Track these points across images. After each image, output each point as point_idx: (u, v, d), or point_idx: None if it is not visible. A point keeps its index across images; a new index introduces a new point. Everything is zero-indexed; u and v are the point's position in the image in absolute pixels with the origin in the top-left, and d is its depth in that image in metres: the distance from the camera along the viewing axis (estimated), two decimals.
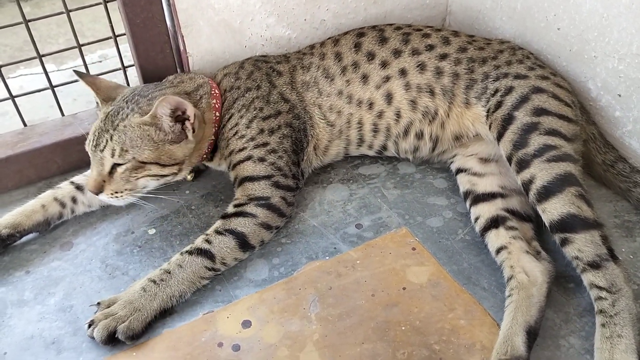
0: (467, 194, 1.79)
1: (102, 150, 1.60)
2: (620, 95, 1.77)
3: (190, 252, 1.58)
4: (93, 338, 1.44)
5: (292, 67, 1.92)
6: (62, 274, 1.64)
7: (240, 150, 1.76)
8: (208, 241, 1.60)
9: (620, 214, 1.78)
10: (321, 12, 2.08)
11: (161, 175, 1.68)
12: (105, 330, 1.43)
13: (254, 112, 1.78)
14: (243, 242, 1.64)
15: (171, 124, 1.62)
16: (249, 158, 1.74)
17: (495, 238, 1.64)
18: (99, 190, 1.61)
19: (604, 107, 1.84)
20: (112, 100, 1.71)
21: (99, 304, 1.51)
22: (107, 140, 1.60)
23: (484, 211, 1.71)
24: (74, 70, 1.75)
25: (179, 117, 1.62)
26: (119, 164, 1.61)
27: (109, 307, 1.49)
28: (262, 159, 1.74)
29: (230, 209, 1.69)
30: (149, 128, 1.61)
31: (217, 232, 1.62)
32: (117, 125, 1.61)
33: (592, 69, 1.83)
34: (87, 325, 1.47)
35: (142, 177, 1.64)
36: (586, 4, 1.77)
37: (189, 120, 1.63)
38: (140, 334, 1.47)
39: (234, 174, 1.77)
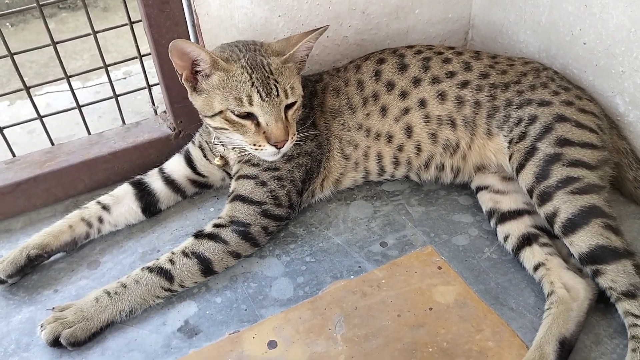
0: (491, 213, 1.77)
1: (277, 95, 1.58)
2: None
3: (150, 270, 1.59)
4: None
5: (324, 86, 1.90)
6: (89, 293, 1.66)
7: (254, 165, 1.74)
8: (172, 261, 1.60)
9: None
10: (343, 29, 2.08)
11: (298, 113, 1.72)
12: (51, 334, 1.48)
13: None
14: (207, 268, 1.63)
15: (300, 56, 1.69)
16: (254, 177, 1.73)
17: (531, 256, 1.63)
18: (287, 135, 1.61)
19: (632, 122, 1.81)
20: (225, 58, 1.60)
21: (53, 308, 1.55)
22: (274, 85, 1.57)
23: (513, 229, 1.69)
24: (178, 40, 1.52)
25: None
26: (291, 105, 1.63)
27: (62, 311, 1.52)
28: (263, 183, 1.72)
29: (208, 227, 1.68)
30: (290, 64, 1.65)
31: (184, 253, 1.62)
32: (271, 69, 1.59)
33: (620, 84, 1.80)
34: (39, 327, 1.51)
35: (298, 112, 1.69)
36: (613, 19, 1.75)
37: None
38: (82, 342, 1.50)
39: (234, 184, 1.76)
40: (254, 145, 1.62)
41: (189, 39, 1.87)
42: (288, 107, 1.62)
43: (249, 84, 1.56)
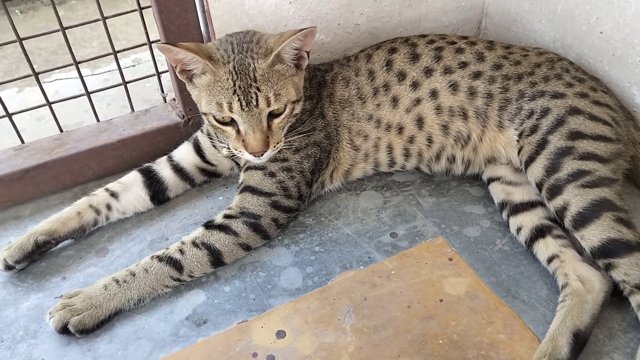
0: (503, 205, 1.75)
1: (257, 105, 1.53)
2: None
3: (160, 259, 1.58)
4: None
5: (334, 76, 1.87)
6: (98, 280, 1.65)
7: None
8: (181, 251, 1.59)
9: None
10: (355, 16, 2.05)
11: (294, 115, 1.66)
12: (60, 321, 1.48)
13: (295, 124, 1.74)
14: (217, 260, 1.62)
15: (290, 56, 1.59)
16: (262, 168, 1.71)
17: (545, 248, 1.61)
18: (266, 147, 1.57)
19: None
20: (216, 59, 1.56)
21: (62, 296, 1.55)
22: (255, 94, 1.53)
23: (526, 221, 1.67)
24: (162, 44, 1.53)
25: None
26: (276, 114, 1.58)
27: (70, 298, 1.52)
28: (272, 174, 1.70)
29: (219, 218, 1.67)
30: (281, 67, 1.57)
31: (194, 243, 1.60)
32: (255, 76, 1.54)
33: (637, 75, 1.76)
34: (48, 314, 1.50)
35: (289, 117, 1.63)
36: (631, 7, 1.71)
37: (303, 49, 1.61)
38: (91, 330, 1.50)
39: (243, 175, 1.74)
40: (235, 149, 1.61)
41: (199, 26, 1.85)
42: (275, 115, 1.59)
43: (231, 90, 1.53)
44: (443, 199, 1.87)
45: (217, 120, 1.58)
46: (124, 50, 2.00)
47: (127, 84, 2.03)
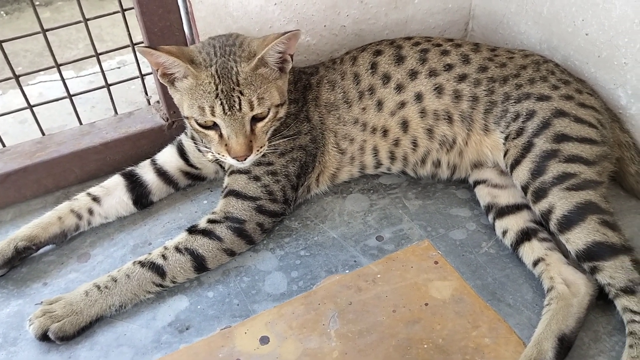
0: (489, 208, 1.74)
1: (240, 109, 1.52)
2: None
3: (142, 264, 1.56)
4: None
5: (319, 79, 1.85)
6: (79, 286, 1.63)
7: None
8: (164, 257, 1.57)
9: None
10: (341, 18, 2.04)
11: (278, 119, 1.64)
12: (39, 328, 1.45)
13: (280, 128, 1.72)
14: (200, 265, 1.60)
15: (274, 59, 1.57)
16: (247, 172, 1.69)
17: (530, 251, 1.60)
18: (249, 151, 1.56)
19: (635, 115, 1.77)
20: (198, 63, 1.54)
21: (42, 302, 1.52)
22: (238, 98, 1.51)
23: (512, 224, 1.66)
24: (143, 47, 1.51)
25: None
26: (259, 117, 1.56)
27: (51, 305, 1.50)
28: (257, 178, 1.68)
29: (202, 223, 1.64)
30: (264, 70, 1.55)
31: (177, 249, 1.58)
32: (238, 80, 1.52)
33: (622, 76, 1.76)
34: (28, 321, 1.48)
35: (273, 121, 1.61)
36: (616, 9, 1.70)
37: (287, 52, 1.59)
38: (71, 337, 1.48)
39: (227, 179, 1.72)
40: (218, 154, 1.59)
41: (182, 27, 1.83)
42: (258, 119, 1.57)
43: (213, 94, 1.51)
44: (429, 202, 1.86)
45: (199, 124, 1.56)
46: (107, 52, 1.98)
47: (112, 86, 2.01)
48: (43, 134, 1.97)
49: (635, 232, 1.69)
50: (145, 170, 1.84)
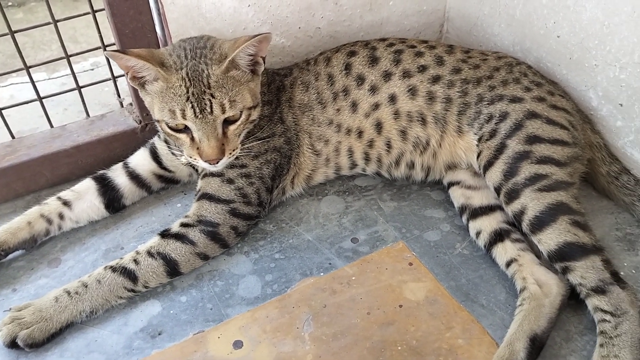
0: (463, 209, 1.75)
1: (211, 112, 1.50)
2: (621, 105, 1.73)
3: (113, 269, 1.53)
4: None
5: (293, 80, 1.84)
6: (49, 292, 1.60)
7: None
8: (136, 261, 1.55)
9: (622, 227, 1.73)
10: (316, 20, 2.03)
11: (251, 121, 1.63)
12: (8, 335, 1.42)
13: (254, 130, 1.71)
14: (173, 270, 1.58)
15: (246, 61, 1.55)
16: (220, 175, 1.67)
17: (503, 252, 1.61)
18: (222, 154, 1.54)
19: (605, 116, 1.80)
20: (168, 66, 1.52)
21: (10, 309, 1.49)
22: (209, 101, 1.49)
23: (485, 225, 1.67)
24: (111, 51, 1.49)
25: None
26: (231, 120, 1.55)
27: (20, 311, 1.47)
28: (230, 181, 1.66)
29: (175, 227, 1.62)
30: (236, 73, 1.54)
31: (149, 253, 1.56)
32: (209, 82, 1.50)
33: (593, 78, 1.78)
34: None
35: (245, 124, 1.60)
36: (586, 12, 1.72)
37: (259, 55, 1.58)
38: (41, 344, 1.45)
39: (200, 183, 1.70)
40: (190, 157, 1.58)
41: (154, 29, 1.81)
42: (230, 121, 1.56)
43: (184, 97, 1.49)
44: (404, 203, 1.86)
45: (170, 128, 1.54)
46: (78, 54, 1.95)
47: (84, 88, 1.98)
48: (13, 137, 1.94)
49: (607, 231, 1.72)
50: (117, 174, 1.82)
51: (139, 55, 1.47)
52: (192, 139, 1.54)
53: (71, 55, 1.89)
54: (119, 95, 2.06)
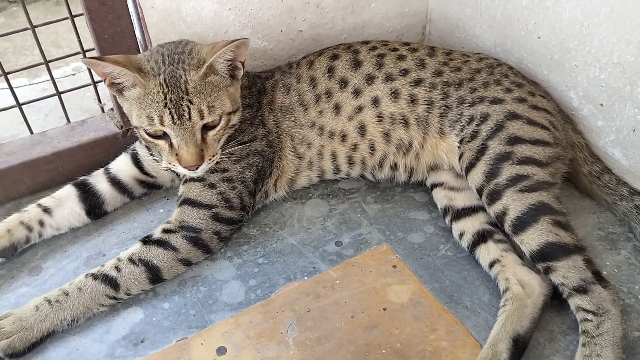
0: (446, 210, 1.75)
1: (189, 119, 1.49)
2: (602, 105, 1.74)
3: (95, 277, 1.52)
4: None
5: (274, 83, 1.84)
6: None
7: None
8: (117, 268, 1.53)
9: (605, 226, 1.74)
10: (297, 23, 2.03)
11: (231, 126, 1.62)
12: None
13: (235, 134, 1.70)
14: (155, 276, 1.57)
15: (224, 66, 1.54)
16: (202, 180, 1.66)
17: (486, 253, 1.61)
18: (201, 160, 1.53)
19: (586, 116, 1.81)
20: (146, 72, 1.51)
21: None
22: (187, 107, 1.48)
23: (468, 226, 1.67)
24: (87, 58, 1.49)
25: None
26: (210, 126, 1.53)
27: (0, 321, 1.45)
28: (212, 186, 1.65)
29: (157, 233, 1.61)
30: (214, 78, 1.53)
31: (131, 260, 1.55)
32: (187, 88, 1.49)
33: (574, 78, 1.79)
34: None
35: (225, 129, 1.59)
36: (566, 13, 1.73)
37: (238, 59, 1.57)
38: (21, 353, 1.43)
39: (182, 188, 1.69)
40: (169, 163, 1.57)
41: (134, 34, 1.80)
42: (209, 127, 1.55)
43: (162, 104, 1.48)
44: (388, 206, 1.86)
45: (148, 134, 1.53)
46: (58, 59, 1.92)
47: (64, 94, 1.96)
48: None
49: (589, 231, 1.73)
50: (98, 180, 1.80)
51: (115, 62, 1.46)
52: (171, 145, 1.53)
53: (50, 61, 1.86)
54: (99, 101, 2.04)
